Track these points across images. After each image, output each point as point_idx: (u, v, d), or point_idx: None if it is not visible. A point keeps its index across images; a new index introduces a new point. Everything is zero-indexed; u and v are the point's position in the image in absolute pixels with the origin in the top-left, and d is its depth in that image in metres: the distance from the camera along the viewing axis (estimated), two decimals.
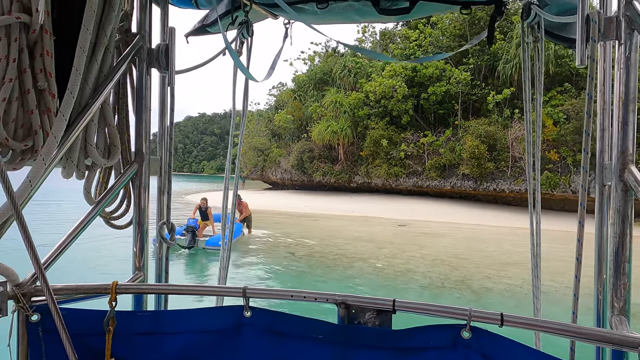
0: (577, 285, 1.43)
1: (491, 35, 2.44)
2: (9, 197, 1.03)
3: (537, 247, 2.02)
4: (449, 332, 1.23)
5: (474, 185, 25.36)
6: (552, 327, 1.13)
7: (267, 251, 13.33)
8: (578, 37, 1.31)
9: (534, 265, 2.03)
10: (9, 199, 1.03)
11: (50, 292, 1.09)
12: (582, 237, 1.36)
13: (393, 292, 9.08)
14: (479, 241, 15.42)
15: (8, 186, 1.03)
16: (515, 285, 9.63)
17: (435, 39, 29.97)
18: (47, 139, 1.22)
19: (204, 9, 2.64)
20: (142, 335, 1.38)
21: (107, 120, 1.50)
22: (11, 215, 1.10)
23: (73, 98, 1.27)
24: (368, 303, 1.31)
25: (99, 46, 1.39)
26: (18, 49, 1.19)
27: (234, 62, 2.36)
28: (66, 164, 1.40)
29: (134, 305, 1.58)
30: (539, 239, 2.06)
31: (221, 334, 1.38)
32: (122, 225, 1.64)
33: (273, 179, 37.96)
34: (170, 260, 1.71)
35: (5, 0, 1.17)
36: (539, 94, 2.27)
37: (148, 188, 1.63)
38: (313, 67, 37.02)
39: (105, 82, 1.44)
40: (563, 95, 23.40)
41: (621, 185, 1.27)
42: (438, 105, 28.39)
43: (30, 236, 1.07)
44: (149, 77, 1.63)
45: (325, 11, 2.42)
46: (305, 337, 1.34)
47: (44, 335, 1.32)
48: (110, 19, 1.41)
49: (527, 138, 2.44)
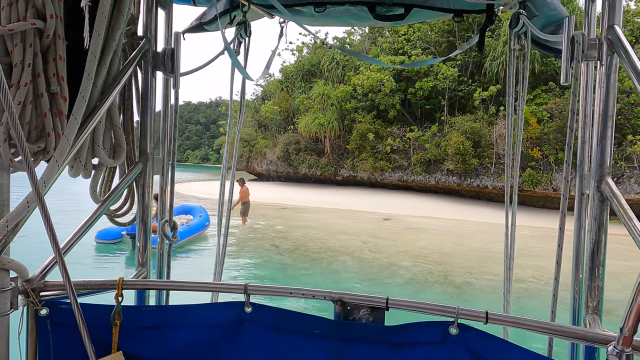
0: (556, 287, 1.55)
1: (482, 42, 2.54)
2: (36, 192, 1.07)
3: (510, 249, 2.15)
4: (437, 328, 1.33)
5: (458, 181, 25.78)
6: (533, 324, 1.24)
7: (251, 244, 13.37)
8: (564, 56, 1.41)
9: (506, 262, 2.16)
10: (36, 195, 1.08)
11: (72, 287, 1.15)
12: (562, 242, 1.47)
13: (377, 286, 9.25)
14: (461, 236, 15.74)
15: (35, 182, 1.07)
16: (497, 280, 9.91)
17: (423, 34, 30.12)
18: (60, 141, 1.26)
19: (201, 6, 2.67)
20: (147, 329, 1.44)
21: (113, 122, 1.55)
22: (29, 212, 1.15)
23: (85, 101, 1.31)
24: (363, 300, 1.40)
25: (108, 50, 1.43)
26: (33, 53, 1.22)
27: (232, 61, 2.40)
28: (74, 163, 1.45)
29: (136, 300, 1.64)
30: (513, 238, 2.20)
31: (223, 328, 1.45)
32: (126, 223, 1.69)
33: (258, 170, 37.85)
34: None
35: (20, 7, 1.20)
36: (522, 100, 2.38)
37: (151, 187, 1.69)
38: (301, 59, 36.82)
39: (112, 84, 1.48)
40: (547, 94, 23.86)
41: (598, 195, 1.38)
42: (425, 100, 28.64)
43: (55, 232, 1.12)
44: (153, 79, 1.68)
45: (322, 14, 2.48)
46: (303, 332, 1.42)
47: (53, 328, 1.38)
48: (119, 23, 1.45)
49: (508, 140, 2.56)
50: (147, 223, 1.66)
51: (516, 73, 2.36)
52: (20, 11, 1.20)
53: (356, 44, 35.52)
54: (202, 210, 14.18)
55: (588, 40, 1.39)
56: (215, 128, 55.87)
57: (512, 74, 2.42)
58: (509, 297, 2.13)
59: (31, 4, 1.22)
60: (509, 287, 2.16)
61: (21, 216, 1.16)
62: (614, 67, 1.36)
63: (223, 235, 2.48)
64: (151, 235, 1.58)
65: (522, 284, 9.80)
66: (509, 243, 2.26)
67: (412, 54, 28.34)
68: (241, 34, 2.55)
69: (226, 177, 2.62)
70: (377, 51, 30.75)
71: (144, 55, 1.63)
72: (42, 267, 1.38)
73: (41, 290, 1.36)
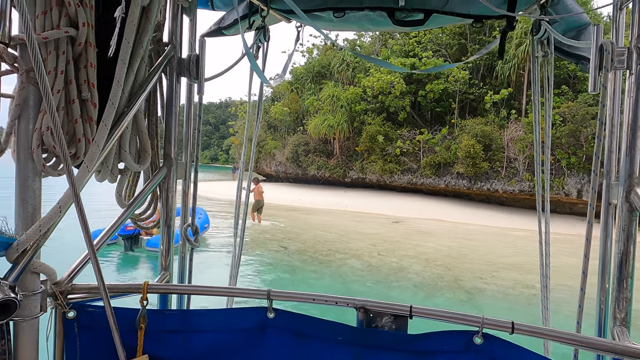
0: (582, 297, 1.53)
1: (502, 48, 2.53)
2: (75, 197, 1.09)
3: (546, 257, 2.11)
4: (462, 337, 1.32)
5: (468, 184, 25.59)
6: (560, 336, 1.23)
7: (260, 245, 13.40)
8: (592, 65, 1.40)
9: (542, 275, 2.12)
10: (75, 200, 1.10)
11: (106, 291, 1.17)
12: (589, 253, 1.46)
13: (386, 291, 9.22)
14: (471, 241, 15.62)
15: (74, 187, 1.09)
16: (507, 286, 9.82)
17: (434, 36, 29.99)
18: (90, 147, 1.29)
19: (220, 10, 2.69)
20: (171, 332, 1.46)
21: (139, 127, 1.57)
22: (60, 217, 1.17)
23: (114, 107, 1.33)
24: (386, 308, 1.40)
25: (136, 57, 1.45)
26: (65, 61, 1.25)
27: (252, 66, 2.42)
28: (102, 168, 1.47)
29: (159, 303, 1.65)
30: (548, 248, 2.16)
31: (246, 333, 1.46)
32: (150, 227, 1.71)
33: (267, 171, 37.94)
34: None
35: (54, 15, 1.23)
36: (548, 106, 2.37)
37: (175, 191, 1.70)
38: (311, 60, 36.89)
39: (139, 90, 1.50)
40: (560, 98, 23.59)
41: (627, 205, 1.36)
42: (435, 103, 28.50)
43: (91, 237, 1.14)
44: (178, 85, 1.70)
45: (341, 20, 2.49)
46: (325, 338, 1.42)
47: (80, 331, 1.40)
48: (147, 30, 1.47)
49: (536, 148, 2.55)
50: (171, 227, 1.67)
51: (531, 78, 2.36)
52: (54, 19, 1.23)
53: (366, 46, 35.48)
54: (201, 211, 13.73)
55: (617, 49, 1.38)
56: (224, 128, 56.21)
57: (537, 81, 2.41)
58: (547, 315, 2.08)
59: (64, 12, 1.24)
60: (547, 305, 2.10)
61: (53, 221, 1.18)
62: None
63: (239, 238, 2.50)
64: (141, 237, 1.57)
65: (532, 290, 9.70)
66: (544, 260, 2.19)
67: (423, 56, 28.23)
68: (260, 38, 2.57)
69: (242, 178, 2.63)
70: (388, 53, 30.68)
71: (169, 61, 1.65)
72: (69, 271, 1.40)
73: (69, 293, 1.39)
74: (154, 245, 10.83)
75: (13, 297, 1.00)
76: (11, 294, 1.00)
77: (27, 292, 1.21)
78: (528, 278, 10.48)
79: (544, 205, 2.27)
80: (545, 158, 2.28)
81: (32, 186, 1.21)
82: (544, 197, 2.25)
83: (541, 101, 2.46)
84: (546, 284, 2.18)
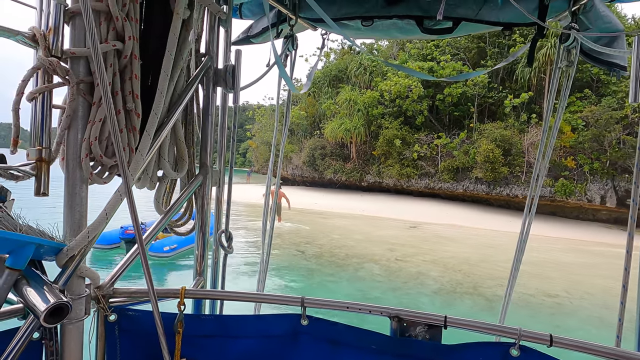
0: (622, 311, 1.50)
1: (532, 56, 2.51)
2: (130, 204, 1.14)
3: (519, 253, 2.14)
4: (498, 349, 1.31)
5: (487, 190, 25.24)
6: (599, 350, 1.21)
7: (276, 249, 13.47)
8: (633, 75, 1.38)
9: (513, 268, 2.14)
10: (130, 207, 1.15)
11: (154, 295, 1.21)
12: (630, 265, 1.43)
13: (404, 296, 9.15)
14: (490, 246, 15.39)
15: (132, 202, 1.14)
16: (528, 294, 9.63)
17: (453, 40, 29.74)
18: (134, 156, 1.33)
19: (248, 19, 2.74)
20: (206, 337, 1.49)
21: (177, 136, 1.61)
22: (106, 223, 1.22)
23: (157, 118, 1.38)
24: (420, 318, 1.40)
25: (176, 68, 1.50)
26: (112, 73, 1.29)
27: (280, 74, 2.45)
28: (142, 176, 1.52)
29: (193, 308, 1.69)
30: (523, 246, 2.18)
31: (280, 340, 1.48)
32: (185, 232, 1.76)
33: (284, 174, 38.12)
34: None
35: (103, 30, 1.28)
36: (561, 109, 2.35)
37: (210, 199, 1.74)
38: (328, 64, 37.01)
39: (178, 101, 1.54)
40: (582, 102, 23.11)
41: None
42: (453, 107, 28.24)
43: (143, 243, 1.18)
44: (214, 94, 1.74)
45: (369, 28, 2.50)
46: (359, 347, 1.43)
47: (120, 334, 1.44)
48: (187, 43, 1.51)
49: (545, 151, 2.52)
50: (206, 234, 1.71)
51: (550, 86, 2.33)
52: (103, 34, 1.28)
53: (384, 50, 35.43)
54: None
55: None
56: (241, 132, 56.90)
57: (554, 90, 2.39)
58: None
59: (112, 26, 1.29)
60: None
61: (101, 227, 1.22)
62: None
63: (267, 244, 2.53)
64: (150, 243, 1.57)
65: (555, 299, 9.49)
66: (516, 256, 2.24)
67: (441, 60, 28.03)
68: (289, 47, 2.60)
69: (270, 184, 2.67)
70: (405, 57, 30.57)
71: (207, 71, 1.69)
72: (111, 275, 1.45)
73: (110, 296, 1.43)
74: (157, 251, 10.71)
75: (66, 301, 1.04)
76: (64, 298, 1.05)
77: (73, 295, 1.26)
78: (547, 287, 10.27)
79: (531, 208, 2.28)
80: (544, 162, 2.28)
81: (79, 194, 1.26)
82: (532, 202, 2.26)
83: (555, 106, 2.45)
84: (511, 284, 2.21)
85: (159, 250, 10.81)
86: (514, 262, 2.28)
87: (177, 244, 11.16)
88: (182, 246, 11.25)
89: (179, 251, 11.19)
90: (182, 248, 11.26)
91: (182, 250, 11.27)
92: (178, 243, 11.18)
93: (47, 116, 1.24)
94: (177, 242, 11.17)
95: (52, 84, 1.23)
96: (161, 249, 10.80)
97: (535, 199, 2.27)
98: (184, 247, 11.31)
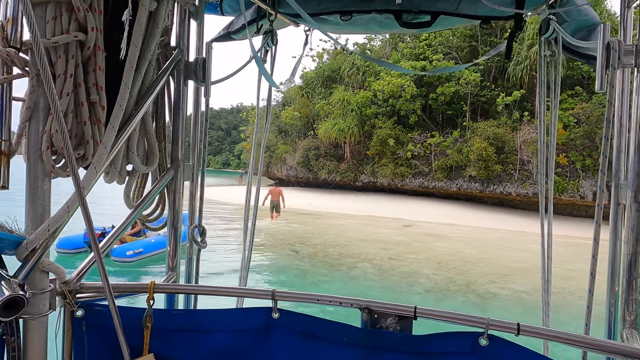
0: (590, 299, 1.50)
1: (510, 49, 2.51)
2: (80, 197, 1.12)
3: (548, 260, 2.08)
4: (467, 339, 1.31)
5: (480, 188, 25.34)
6: (566, 337, 1.21)
7: (270, 249, 13.44)
8: (598, 63, 1.38)
9: (544, 274, 2.09)
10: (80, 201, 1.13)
11: (110, 290, 1.19)
12: (597, 253, 1.43)
13: (397, 294, 9.16)
14: (484, 244, 15.45)
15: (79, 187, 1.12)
16: (522, 291, 9.67)
17: (445, 39, 29.87)
18: (98, 148, 1.31)
19: (229, 15, 2.72)
20: (177, 332, 1.47)
21: (147, 129, 1.59)
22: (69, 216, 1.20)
23: (122, 110, 1.36)
24: (390, 309, 1.39)
25: (144, 61, 1.48)
26: (74, 64, 1.28)
27: (260, 70, 2.44)
28: (110, 170, 1.50)
29: (166, 304, 1.67)
30: (550, 251, 2.12)
31: (251, 333, 1.47)
32: (157, 228, 1.74)
33: (278, 175, 38.10)
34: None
35: (64, 20, 1.26)
36: (554, 107, 2.34)
37: (182, 193, 1.73)
38: (321, 65, 37.02)
39: (147, 93, 1.53)
40: (574, 99, 23.26)
41: (636, 205, 1.34)
42: (446, 105, 28.34)
43: (96, 237, 1.17)
44: (185, 88, 1.72)
45: (348, 23, 2.50)
46: (330, 339, 1.42)
47: (87, 329, 1.42)
48: (155, 35, 1.50)
49: (541, 147, 2.50)
50: (178, 228, 1.69)
51: (538, 78, 2.32)
52: (64, 24, 1.26)
53: (377, 50, 35.49)
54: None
55: (624, 46, 1.36)
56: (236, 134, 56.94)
57: (543, 81, 2.37)
58: (548, 312, 2.06)
59: (74, 17, 1.28)
60: (548, 300, 2.09)
61: (62, 220, 1.21)
62: None
63: (249, 242, 2.51)
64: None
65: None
66: (546, 263, 2.17)
67: (434, 59, 28.12)
68: (268, 42, 2.59)
69: (252, 182, 2.65)
70: (398, 57, 30.64)
71: (177, 65, 1.68)
72: (78, 270, 1.43)
73: (77, 292, 1.41)
74: (119, 255, 10.03)
75: (21, 294, 1.02)
76: (19, 291, 1.03)
77: (36, 290, 1.24)
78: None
79: (547, 207, 2.24)
80: (549, 159, 2.24)
81: (41, 187, 1.24)
82: (547, 200, 2.22)
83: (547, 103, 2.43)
84: (547, 288, 2.15)
85: (121, 254, 10.06)
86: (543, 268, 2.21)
87: (143, 248, 10.48)
88: (148, 251, 10.54)
89: (144, 256, 10.39)
90: (148, 253, 10.52)
91: (148, 256, 10.47)
92: (144, 247, 10.51)
93: (7, 108, 1.22)
94: (144, 247, 10.51)
95: (11, 75, 1.21)
96: (123, 253, 10.07)
97: (550, 197, 2.20)
98: (151, 252, 10.59)
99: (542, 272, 2.10)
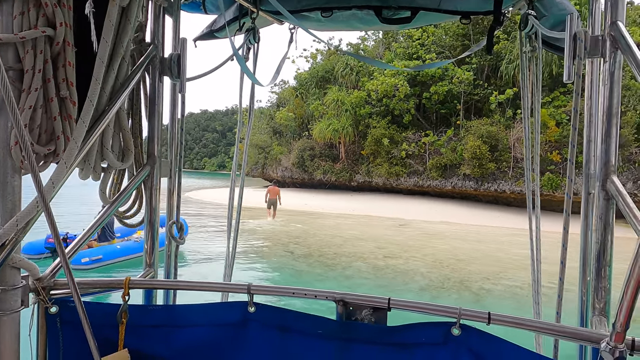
0: (561, 287, 1.52)
1: (490, 44, 2.53)
2: (40, 195, 1.12)
3: (537, 252, 2.10)
4: (440, 329, 1.32)
5: (475, 186, 25.44)
6: (536, 325, 1.22)
7: (266, 249, 13.43)
8: (566, 54, 1.39)
9: (534, 270, 2.11)
10: (40, 198, 1.12)
11: (75, 285, 1.18)
12: (567, 242, 1.45)
13: (391, 293, 9.18)
14: (479, 242, 15.50)
15: (39, 184, 1.12)
16: (515, 286, 9.71)
17: (438, 38, 29.98)
18: (69, 144, 1.31)
19: (212, 14, 2.72)
20: (153, 327, 1.47)
21: (121, 125, 1.59)
22: (38, 212, 1.20)
23: (92, 105, 1.36)
24: (365, 301, 1.40)
25: (116, 56, 1.48)
26: (43, 60, 1.27)
27: (241, 67, 2.45)
28: (84, 166, 1.49)
29: (144, 300, 1.67)
30: (538, 243, 2.14)
31: (227, 328, 1.47)
32: (134, 224, 1.74)
33: (273, 176, 38.06)
34: None
35: (32, 15, 1.26)
36: (537, 101, 2.35)
37: (159, 189, 1.72)
38: (315, 65, 37.06)
39: (120, 89, 1.53)
40: (566, 96, 23.41)
41: (603, 194, 1.35)
42: (440, 104, 28.44)
43: (57, 231, 1.16)
44: (161, 84, 1.72)
45: (329, 19, 2.50)
46: (306, 332, 1.42)
47: (62, 326, 1.42)
48: (127, 30, 1.49)
49: (526, 143, 2.52)
50: (155, 225, 1.69)
51: (521, 74, 2.34)
52: (32, 20, 1.26)
53: (370, 50, 35.57)
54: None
55: (591, 37, 1.38)
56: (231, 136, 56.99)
57: (525, 77, 2.39)
58: (539, 310, 2.08)
59: (42, 12, 1.27)
60: (538, 299, 2.10)
61: (31, 215, 1.20)
62: (618, 64, 1.34)
63: (233, 239, 2.52)
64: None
65: (542, 289, 9.57)
66: (535, 255, 2.19)
67: (427, 58, 28.21)
68: (250, 40, 2.59)
69: (236, 182, 2.65)
70: (391, 56, 30.71)
71: (152, 60, 1.68)
72: (52, 266, 1.42)
73: (51, 288, 1.41)
74: (73, 262, 8.81)
75: None
76: None
77: (6, 286, 1.23)
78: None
79: (534, 203, 2.26)
80: (534, 153, 2.26)
81: (11, 183, 1.23)
82: (534, 195, 2.24)
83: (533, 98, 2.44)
84: (537, 278, 2.16)
85: (75, 262, 9.10)
86: (532, 263, 2.23)
87: (103, 255, 9.88)
88: (109, 258, 9.97)
89: (103, 264, 9.79)
90: (108, 260, 9.94)
91: (107, 263, 9.87)
92: (105, 254, 9.91)
93: None
94: (104, 254, 9.91)
95: None
96: (78, 261, 9.30)
97: (536, 193, 2.20)
98: (112, 259, 10.02)
99: (532, 265, 2.12)
